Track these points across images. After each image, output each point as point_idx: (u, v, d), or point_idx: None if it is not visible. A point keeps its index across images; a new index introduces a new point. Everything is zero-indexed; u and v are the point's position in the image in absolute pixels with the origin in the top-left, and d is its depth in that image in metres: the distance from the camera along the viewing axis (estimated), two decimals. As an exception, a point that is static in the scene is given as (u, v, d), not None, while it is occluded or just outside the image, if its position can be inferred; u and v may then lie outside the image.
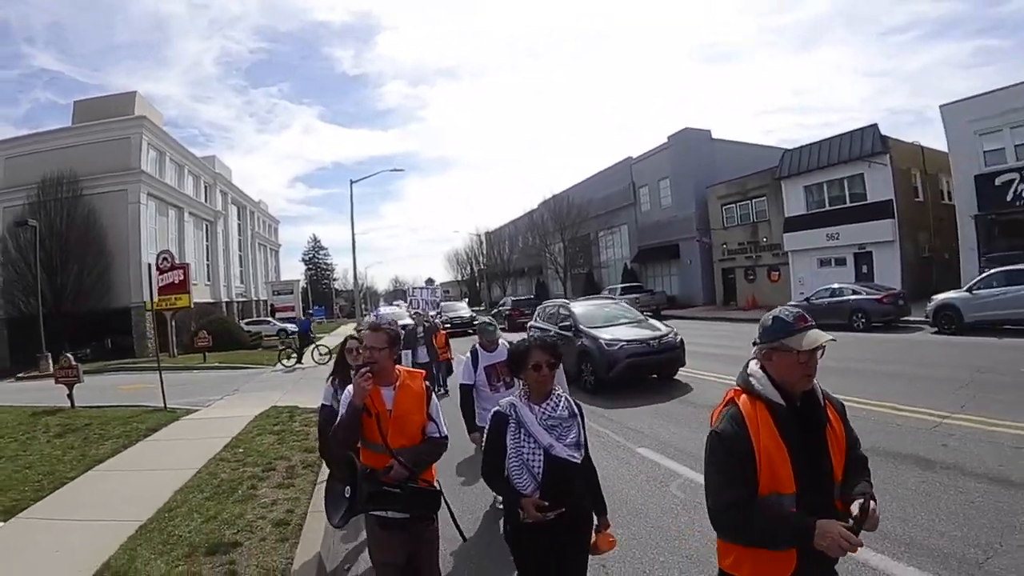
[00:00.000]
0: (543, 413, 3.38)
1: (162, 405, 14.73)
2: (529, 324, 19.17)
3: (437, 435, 3.84)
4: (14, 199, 38.94)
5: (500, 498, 3.83)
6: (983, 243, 27.41)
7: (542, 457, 3.31)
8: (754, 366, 2.71)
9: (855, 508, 2.34)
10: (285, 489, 7.68)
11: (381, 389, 3.67)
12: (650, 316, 19.63)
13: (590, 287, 52.71)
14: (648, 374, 14.35)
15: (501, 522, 3.59)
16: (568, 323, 15.77)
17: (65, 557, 5.86)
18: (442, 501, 3.80)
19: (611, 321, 15.48)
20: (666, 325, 15.73)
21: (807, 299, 25.87)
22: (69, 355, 16.42)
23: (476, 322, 7.75)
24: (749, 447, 2.48)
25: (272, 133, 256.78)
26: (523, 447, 3.32)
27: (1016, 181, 25.85)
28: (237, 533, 6.15)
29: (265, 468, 8.60)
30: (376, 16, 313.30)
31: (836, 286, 25.33)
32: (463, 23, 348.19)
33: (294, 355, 25.96)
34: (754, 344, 2.76)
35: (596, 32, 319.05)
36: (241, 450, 9.87)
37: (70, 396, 15.38)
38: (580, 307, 16.84)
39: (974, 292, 19.44)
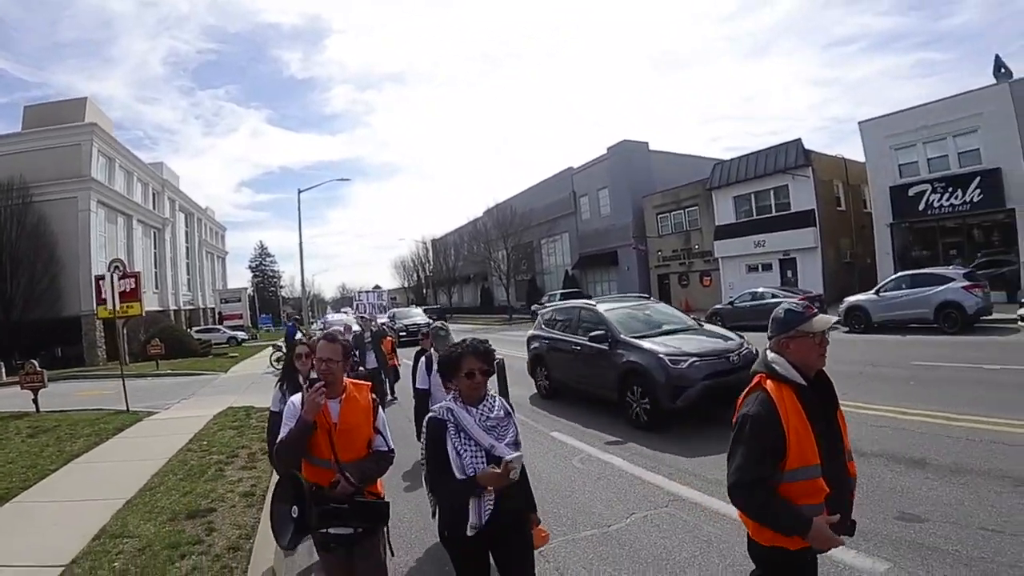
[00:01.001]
0: (481, 415, 3.40)
1: (124, 408, 15.79)
2: (530, 334, 15.15)
3: (384, 448, 3.83)
4: (-38, 205, 38.72)
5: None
6: (898, 249, 29.58)
7: (484, 458, 3.33)
8: (772, 354, 3.04)
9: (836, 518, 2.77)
10: (248, 470, 8.91)
11: (328, 402, 3.62)
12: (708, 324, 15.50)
13: (533, 293, 54.45)
14: (728, 399, 8.50)
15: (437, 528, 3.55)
16: (601, 331, 11.72)
17: (64, 528, 6.99)
18: (389, 513, 3.81)
19: (656, 327, 11.84)
20: (736, 333, 11.86)
21: (731, 302, 27.80)
22: (34, 362, 17.40)
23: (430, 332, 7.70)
24: (780, 428, 2.79)
25: (219, 136, 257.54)
26: (465, 450, 3.32)
27: (928, 192, 27.90)
28: (211, 503, 7.36)
29: (229, 456, 9.78)
30: (326, 19, 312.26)
31: (758, 290, 27.15)
32: (412, 27, 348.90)
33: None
34: (769, 338, 3.09)
35: (549, 39, 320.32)
36: (205, 442, 11.06)
37: (35, 401, 16.34)
38: (611, 310, 12.58)
39: (880, 294, 21.26)
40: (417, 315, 39.93)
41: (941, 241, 28.75)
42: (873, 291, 22.03)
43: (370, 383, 4.21)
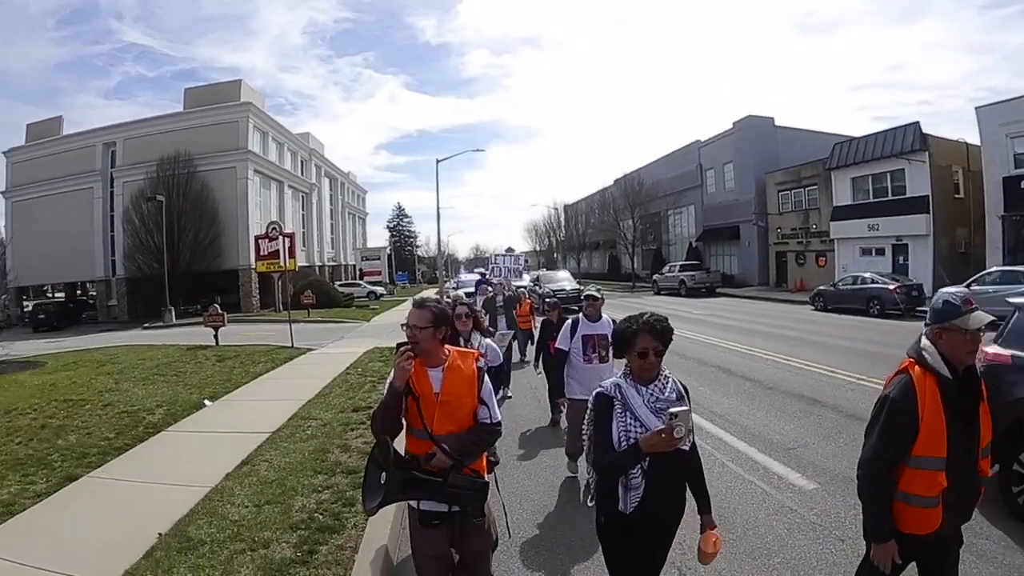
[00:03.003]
0: (651, 395, 3.16)
1: (290, 344, 19.06)
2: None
3: (488, 420, 3.56)
4: (134, 175, 44.32)
5: (591, 488, 3.43)
6: (1009, 243, 28.75)
7: None
8: (926, 341, 3.08)
9: None
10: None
11: (428, 370, 3.45)
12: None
13: (658, 262, 55.67)
14: None
15: (594, 513, 3.40)
16: None
17: (266, 414, 9.90)
18: (489, 494, 3.58)
19: None
20: None
21: (834, 284, 28.87)
22: (216, 304, 20.96)
23: (584, 295, 7.40)
24: (915, 414, 2.90)
25: (357, 101, 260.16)
26: (630, 431, 3.09)
27: None
28: (369, 404, 10.09)
29: (380, 378, 12.53)
30: None
31: (862, 274, 27.97)
32: None
33: None
34: (925, 325, 3.13)
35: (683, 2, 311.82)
36: (360, 369, 14.12)
37: (216, 336, 20.01)
38: None
39: (971, 288, 20.72)
40: (564, 279, 36.81)
41: None
42: (964, 283, 21.40)
43: (476, 352, 4.01)
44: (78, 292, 53.11)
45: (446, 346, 3.59)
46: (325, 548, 5.06)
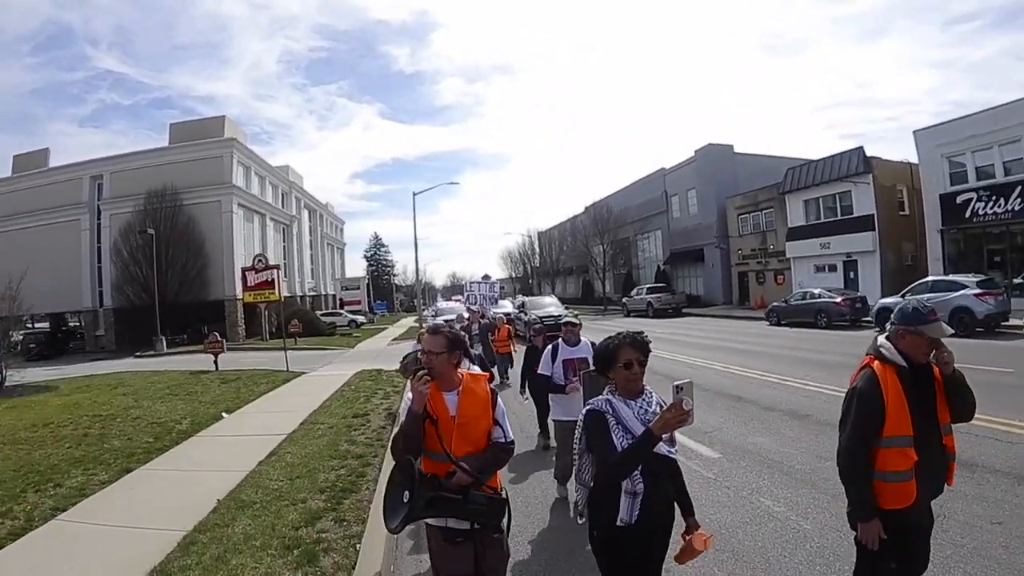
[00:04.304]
0: (640, 408, 3.30)
1: (285, 368, 20.80)
2: None
3: (503, 440, 3.70)
4: (121, 208, 45.56)
5: (577, 503, 3.73)
6: (948, 255, 31.06)
7: None
8: (883, 339, 3.53)
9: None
10: (386, 399, 13.64)
11: (444, 394, 3.58)
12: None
13: (629, 285, 57.61)
14: None
15: (587, 529, 3.51)
16: None
17: (278, 422, 11.64)
18: (507, 510, 3.67)
19: None
20: None
21: (785, 300, 31.31)
22: (216, 333, 22.76)
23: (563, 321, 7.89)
24: (880, 400, 3.31)
25: (332, 130, 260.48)
26: (624, 445, 3.16)
27: (974, 200, 29.36)
28: (366, 412, 11.99)
29: (371, 393, 14.41)
30: (432, 14, 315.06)
31: (809, 290, 30.64)
32: (517, 18, 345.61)
33: None
34: (890, 324, 3.54)
35: (655, 23, 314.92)
36: (353, 387, 15.92)
37: (215, 361, 21.73)
38: None
39: (905, 297, 22.70)
40: (551, 305, 35.71)
41: (986, 247, 30.07)
42: (900, 294, 24.13)
43: (488, 373, 4.22)
44: (60, 323, 53.79)
45: (458, 370, 3.75)
46: (347, 501, 6.87)
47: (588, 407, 3.40)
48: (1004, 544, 5.18)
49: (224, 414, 12.93)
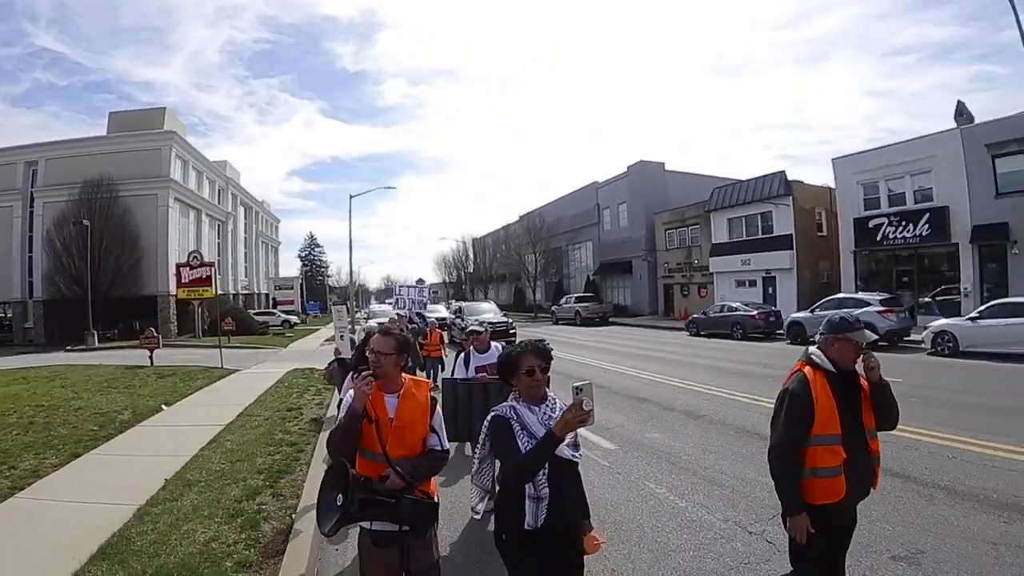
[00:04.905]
0: (543, 415, 3.37)
1: (220, 366, 21.48)
2: None
3: (439, 448, 3.73)
4: (55, 196, 45.10)
5: (484, 507, 3.76)
6: (860, 274, 33.19)
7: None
8: (815, 348, 3.77)
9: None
10: (316, 395, 14.58)
11: (385, 396, 3.59)
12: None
13: (560, 294, 58.84)
14: None
15: (493, 530, 3.58)
16: None
17: (217, 414, 12.49)
18: (438, 515, 3.73)
19: None
20: None
21: (704, 312, 33.04)
22: (152, 329, 23.24)
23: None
24: (810, 400, 3.55)
25: (272, 125, 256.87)
26: (528, 448, 3.22)
27: (885, 224, 31.28)
28: (299, 406, 12.94)
29: (303, 390, 15.33)
30: (379, 13, 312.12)
31: (727, 303, 32.49)
32: (463, 23, 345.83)
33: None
34: (820, 335, 3.80)
35: (603, 39, 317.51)
36: (286, 384, 16.82)
37: (150, 357, 22.28)
38: None
39: (815, 312, 25.18)
40: (489, 311, 35.24)
41: (895, 269, 32.20)
42: (808, 310, 26.33)
43: (429, 381, 4.33)
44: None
45: (403, 374, 3.77)
46: (283, 480, 7.84)
47: (493, 413, 3.47)
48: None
49: (164, 406, 13.68)
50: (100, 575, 5.22)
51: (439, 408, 3.85)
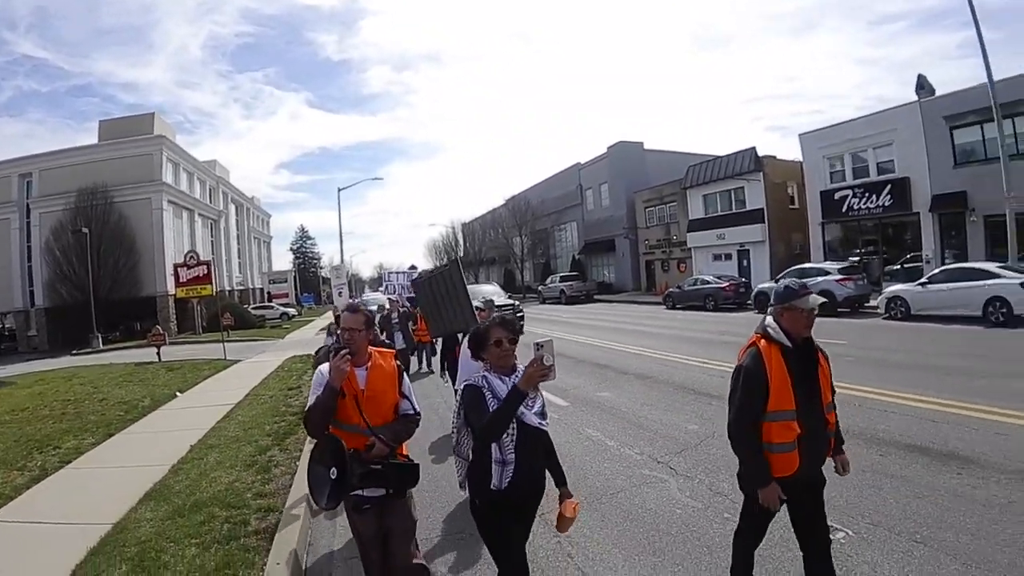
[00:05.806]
0: (512, 384, 3.44)
1: (223, 358, 23.12)
2: None
3: (411, 411, 3.97)
4: (51, 206, 46.00)
5: (458, 474, 3.80)
6: (827, 244, 34.72)
7: (515, 426, 3.46)
8: (770, 320, 3.77)
9: None
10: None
11: (355, 370, 3.74)
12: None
13: (547, 274, 60.17)
14: None
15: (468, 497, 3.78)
16: None
17: (228, 396, 14.02)
18: (419, 473, 3.94)
19: None
20: None
21: (679, 286, 34.66)
22: (158, 326, 24.76)
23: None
24: (764, 377, 3.54)
25: (258, 119, 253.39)
26: None
27: (849, 196, 32.71)
28: (299, 387, 14.36)
29: (302, 373, 16.80)
30: (361, 1, 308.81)
31: (700, 277, 34.24)
32: (447, 7, 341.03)
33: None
34: (769, 307, 3.84)
35: (589, 17, 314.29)
36: (286, 369, 18.40)
37: (158, 353, 23.84)
38: None
39: (778, 282, 26.69)
40: (493, 293, 27.25)
41: (861, 238, 33.72)
42: (774, 280, 27.61)
43: (393, 350, 4.47)
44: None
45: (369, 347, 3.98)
46: (289, 440, 9.42)
47: (465, 383, 3.63)
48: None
49: (178, 392, 15.28)
50: (151, 508, 6.74)
51: (406, 376, 4.15)
